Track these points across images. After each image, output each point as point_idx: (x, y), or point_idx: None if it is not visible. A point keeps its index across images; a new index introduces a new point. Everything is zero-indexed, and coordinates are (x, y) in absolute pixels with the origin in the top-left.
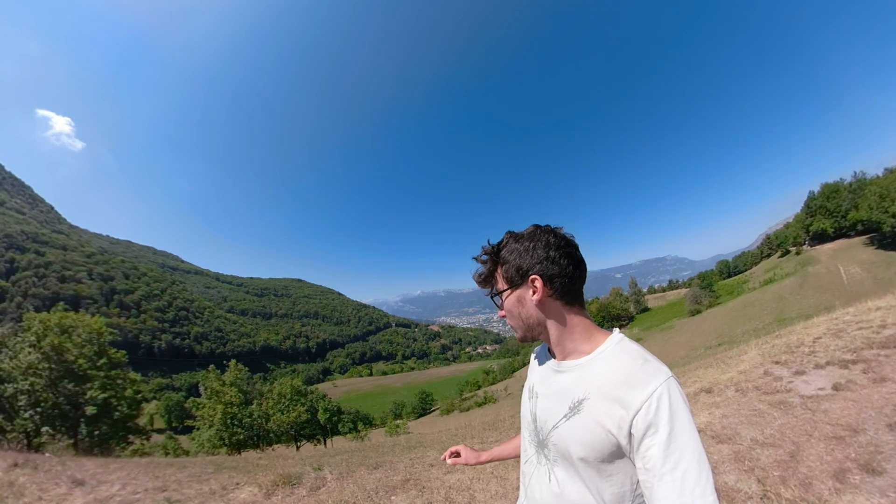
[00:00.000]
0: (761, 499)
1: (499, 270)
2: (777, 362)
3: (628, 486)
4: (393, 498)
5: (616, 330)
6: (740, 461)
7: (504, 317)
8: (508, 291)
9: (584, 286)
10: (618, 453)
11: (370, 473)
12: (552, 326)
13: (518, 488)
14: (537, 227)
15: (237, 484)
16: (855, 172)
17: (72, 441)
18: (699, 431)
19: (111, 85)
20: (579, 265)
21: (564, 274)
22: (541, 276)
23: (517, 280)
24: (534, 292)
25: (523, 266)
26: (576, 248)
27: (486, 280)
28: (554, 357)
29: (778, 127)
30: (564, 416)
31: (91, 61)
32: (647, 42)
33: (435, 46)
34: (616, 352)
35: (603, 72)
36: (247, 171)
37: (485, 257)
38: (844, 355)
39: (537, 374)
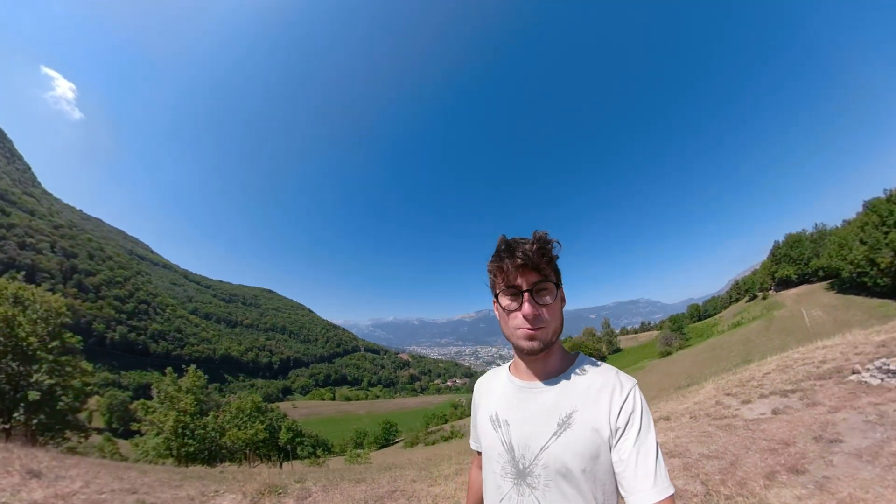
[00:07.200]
0: (705, 495)
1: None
2: (728, 394)
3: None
4: None
5: (579, 353)
6: (688, 470)
7: (533, 316)
8: (558, 289)
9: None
10: (610, 456)
11: (355, 486)
12: (557, 339)
13: None
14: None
15: (216, 491)
16: (816, 224)
17: (5, 426)
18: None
19: (128, 63)
20: None
21: None
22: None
23: (558, 282)
24: (562, 299)
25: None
26: None
27: (546, 265)
28: (520, 378)
29: (747, 184)
30: (554, 434)
31: (114, 36)
32: (627, 75)
33: (429, 56)
34: (591, 366)
35: (581, 106)
36: (232, 170)
37: (538, 243)
38: (786, 386)
39: (499, 401)
